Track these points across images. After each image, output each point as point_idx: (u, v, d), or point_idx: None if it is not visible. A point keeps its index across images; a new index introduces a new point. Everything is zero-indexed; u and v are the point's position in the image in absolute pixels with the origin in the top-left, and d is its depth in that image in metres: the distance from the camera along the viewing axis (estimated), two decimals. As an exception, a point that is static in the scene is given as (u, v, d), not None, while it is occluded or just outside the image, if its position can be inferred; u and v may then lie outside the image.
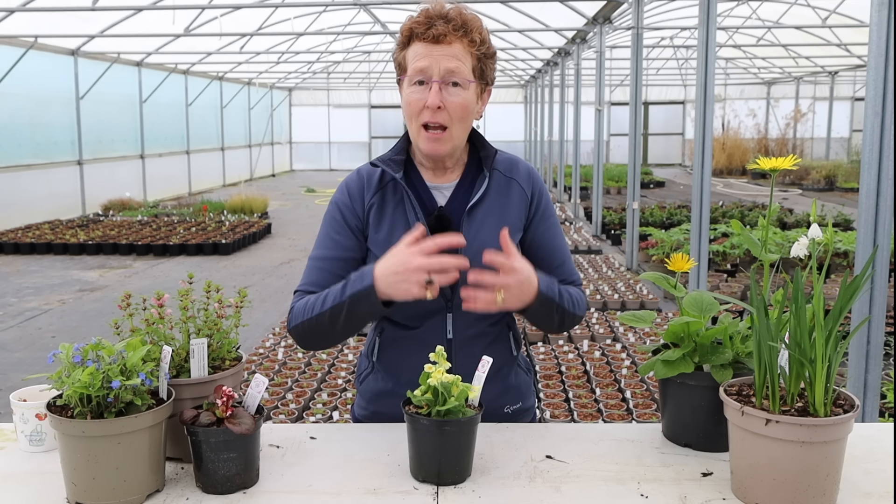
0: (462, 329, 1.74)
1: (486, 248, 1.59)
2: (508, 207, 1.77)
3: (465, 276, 1.69)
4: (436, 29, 1.62)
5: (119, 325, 1.54)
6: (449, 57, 1.63)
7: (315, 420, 4.40)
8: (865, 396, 3.43)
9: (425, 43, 1.63)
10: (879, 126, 3.25)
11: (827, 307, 1.34)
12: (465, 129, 1.72)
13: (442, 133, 1.67)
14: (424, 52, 1.64)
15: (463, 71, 1.65)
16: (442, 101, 1.63)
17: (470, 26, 1.66)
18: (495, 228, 1.73)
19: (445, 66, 1.63)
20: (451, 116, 1.66)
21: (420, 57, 1.64)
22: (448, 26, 1.63)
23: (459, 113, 1.67)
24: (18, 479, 1.47)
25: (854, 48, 16.64)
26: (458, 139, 1.72)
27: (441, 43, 1.63)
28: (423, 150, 1.71)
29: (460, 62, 1.64)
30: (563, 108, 15.55)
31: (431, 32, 1.62)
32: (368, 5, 11.15)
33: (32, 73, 12.72)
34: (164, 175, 17.71)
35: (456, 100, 1.65)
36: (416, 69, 1.64)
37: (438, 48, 1.63)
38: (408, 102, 1.68)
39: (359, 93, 26.98)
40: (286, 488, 1.43)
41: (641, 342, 5.85)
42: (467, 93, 1.66)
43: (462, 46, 1.65)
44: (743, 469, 1.36)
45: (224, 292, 1.65)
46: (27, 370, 5.56)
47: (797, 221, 11.61)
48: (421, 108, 1.65)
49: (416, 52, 1.65)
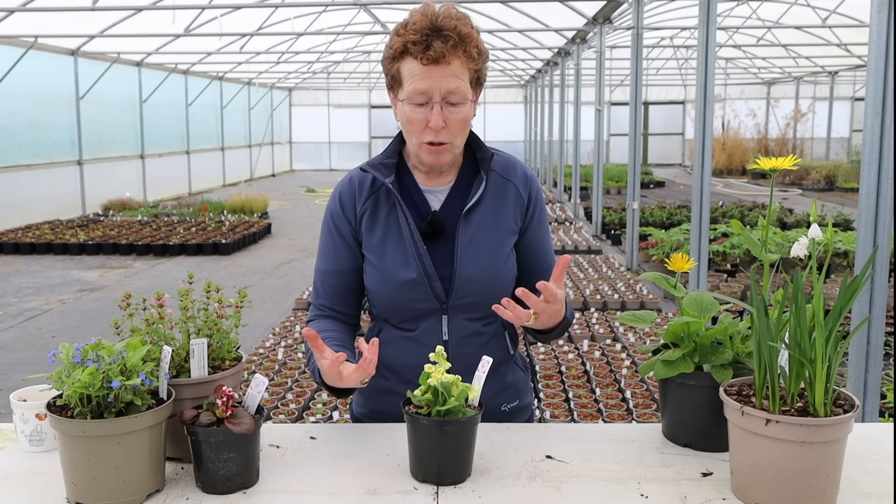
0: (457, 329, 1.74)
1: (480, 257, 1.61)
2: (504, 210, 1.76)
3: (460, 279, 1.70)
4: (433, 51, 1.58)
5: (119, 325, 1.54)
6: (449, 77, 1.61)
7: (315, 420, 4.40)
8: (865, 396, 3.43)
9: (422, 64, 1.60)
10: (879, 126, 3.25)
11: (827, 307, 1.34)
12: (464, 137, 1.73)
13: (444, 146, 1.68)
14: (422, 73, 1.61)
15: (463, 89, 1.63)
16: (444, 119, 1.63)
17: (466, 40, 1.62)
18: (491, 233, 1.74)
19: (446, 87, 1.61)
20: (452, 132, 1.66)
21: (418, 78, 1.61)
22: (446, 46, 1.59)
23: (460, 127, 1.68)
24: (18, 479, 1.47)
25: (854, 48, 16.64)
26: (459, 148, 1.73)
27: (440, 64, 1.60)
28: (426, 162, 1.71)
29: (460, 81, 1.63)
30: (562, 108, 15.55)
31: (429, 55, 1.59)
32: (368, 5, 11.15)
33: (32, 73, 12.72)
34: (164, 175, 17.71)
35: (458, 117, 1.65)
36: (415, 90, 1.62)
37: (437, 69, 1.60)
38: (409, 120, 1.66)
39: (359, 93, 26.98)
40: (286, 488, 1.43)
41: (641, 342, 5.85)
42: (467, 106, 1.66)
43: (460, 63, 1.62)
44: (743, 469, 1.36)
45: (224, 292, 1.65)
46: (27, 370, 5.56)
47: (797, 221, 11.61)
48: (423, 128, 1.65)
49: (412, 70, 1.62)
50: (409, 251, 1.71)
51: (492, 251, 1.73)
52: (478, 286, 1.71)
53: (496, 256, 1.73)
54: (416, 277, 1.70)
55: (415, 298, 1.71)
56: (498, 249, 1.74)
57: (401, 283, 1.70)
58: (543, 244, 1.83)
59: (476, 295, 1.71)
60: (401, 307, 1.73)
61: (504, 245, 1.75)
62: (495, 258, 1.73)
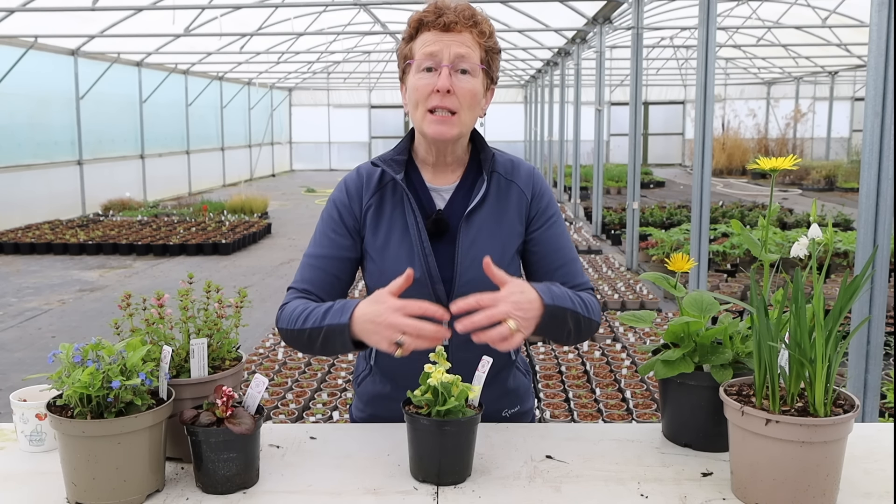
0: (458, 333, 1.72)
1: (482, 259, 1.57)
2: (507, 212, 1.74)
3: (461, 282, 1.69)
4: (446, 17, 1.63)
5: (119, 325, 1.54)
6: (459, 43, 1.63)
7: (315, 420, 4.40)
8: (865, 396, 3.43)
9: (435, 31, 1.64)
10: (879, 126, 3.25)
11: (827, 307, 1.34)
12: (472, 118, 1.70)
13: (451, 116, 1.64)
14: (434, 38, 1.64)
15: (472, 57, 1.65)
16: (452, 85, 1.63)
17: (478, 18, 1.67)
18: (493, 235, 1.72)
19: (456, 51, 1.63)
20: (460, 102, 1.64)
21: (430, 43, 1.64)
22: (458, 16, 1.64)
23: (469, 100, 1.65)
24: (18, 479, 1.47)
25: (854, 48, 16.64)
26: (466, 127, 1.69)
27: (451, 31, 1.63)
28: (429, 133, 1.66)
29: (470, 49, 1.65)
30: (563, 108, 15.55)
31: (442, 20, 1.63)
32: (368, 5, 11.15)
33: (32, 73, 12.72)
34: (164, 175, 17.71)
35: (466, 85, 1.64)
36: (425, 54, 1.64)
37: (448, 35, 1.63)
38: (415, 88, 1.65)
39: (359, 93, 26.98)
40: (286, 488, 1.43)
41: (641, 342, 5.85)
42: (476, 80, 1.66)
43: (471, 36, 1.65)
44: (743, 469, 1.36)
45: (224, 292, 1.65)
46: (27, 370, 5.56)
47: (797, 221, 11.61)
48: (429, 93, 1.63)
49: (425, 39, 1.65)
50: (414, 250, 1.69)
51: (493, 254, 1.69)
52: (479, 289, 1.63)
53: (498, 260, 1.69)
54: (420, 278, 1.67)
55: (416, 300, 1.69)
56: (500, 253, 1.71)
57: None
58: (553, 242, 1.76)
59: None
60: None
61: (507, 248, 1.72)
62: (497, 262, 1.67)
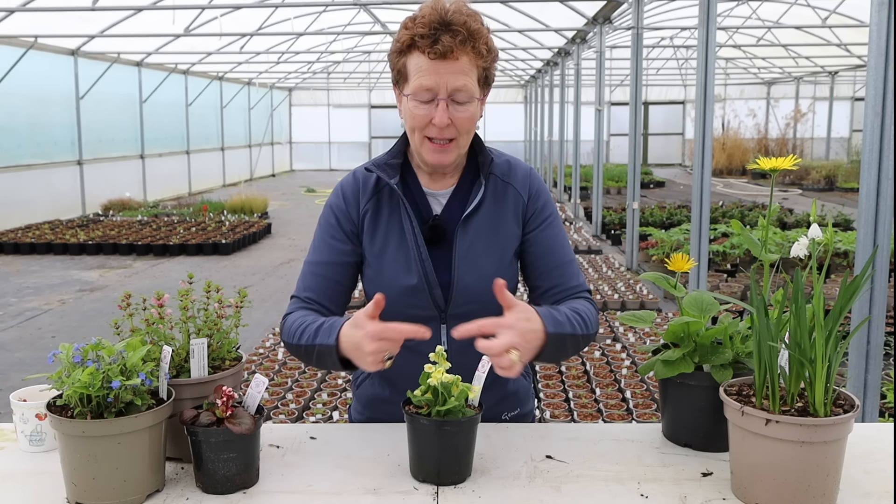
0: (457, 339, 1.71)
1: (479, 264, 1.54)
2: (504, 216, 1.72)
3: (459, 287, 1.68)
4: (441, 45, 1.54)
5: (119, 325, 1.54)
6: (456, 74, 1.57)
7: (315, 420, 4.40)
8: (865, 396, 3.43)
9: (430, 59, 1.57)
10: (879, 126, 3.25)
11: (827, 307, 1.34)
12: (470, 137, 1.69)
13: (448, 144, 1.64)
14: (429, 68, 1.57)
15: (470, 87, 1.60)
16: (450, 116, 1.60)
17: (476, 36, 1.58)
18: (490, 239, 1.70)
19: (453, 84, 1.58)
20: (458, 130, 1.63)
21: (424, 73, 1.57)
22: (454, 41, 1.55)
23: (467, 126, 1.64)
24: (18, 479, 1.47)
25: (854, 48, 16.63)
26: (464, 148, 1.69)
27: (447, 59, 1.56)
28: (428, 161, 1.67)
29: (467, 78, 1.59)
30: (563, 108, 15.55)
31: (437, 49, 1.55)
32: (368, 5, 11.15)
33: (32, 73, 12.71)
34: (164, 175, 17.71)
35: (464, 115, 1.61)
36: (421, 86, 1.58)
37: (444, 65, 1.56)
38: (412, 116, 1.62)
39: (359, 93, 26.98)
40: (286, 488, 1.43)
41: (641, 342, 5.85)
42: (473, 105, 1.63)
43: (468, 59, 1.59)
44: (743, 469, 1.36)
45: (224, 292, 1.65)
46: (27, 370, 5.56)
47: (797, 221, 11.61)
48: (427, 124, 1.61)
49: (418, 65, 1.58)
50: (410, 255, 1.68)
51: (491, 259, 1.69)
52: (477, 295, 1.66)
53: (496, 264, 1.69)
54: (417, 283, 1.67)
55: (414, 305, 1.68)
56: (498, 257, 1.70)
57: (401, 289, 1.67)
58: (549, 243, 1.74)
59: (475, 303, 1.65)
60: (399, 314, 1.65)
61: (504, 252, 1.71)
62: (495, 266, 1.69)
